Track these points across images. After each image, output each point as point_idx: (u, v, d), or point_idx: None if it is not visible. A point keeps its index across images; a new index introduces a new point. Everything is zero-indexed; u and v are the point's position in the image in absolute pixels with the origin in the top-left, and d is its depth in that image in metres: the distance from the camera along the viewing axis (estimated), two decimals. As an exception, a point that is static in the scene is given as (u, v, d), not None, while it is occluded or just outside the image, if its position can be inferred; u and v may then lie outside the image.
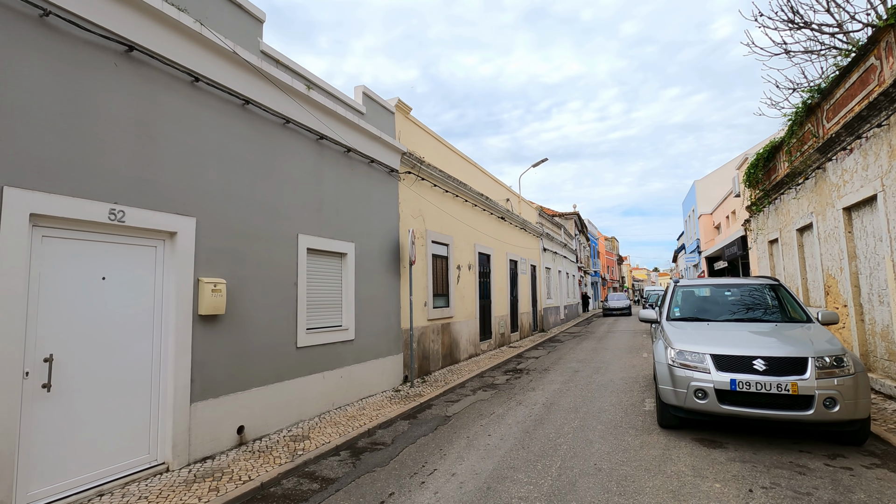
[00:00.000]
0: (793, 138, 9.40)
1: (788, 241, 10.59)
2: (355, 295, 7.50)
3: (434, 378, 9.38)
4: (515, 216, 16.29)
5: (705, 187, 26.52)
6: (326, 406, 6.70)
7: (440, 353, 10.34)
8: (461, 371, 10.21)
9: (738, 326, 5.84)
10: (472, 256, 12.56)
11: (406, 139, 9.54)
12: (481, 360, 11.69)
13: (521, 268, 17.18)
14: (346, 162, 7.52)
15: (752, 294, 6.67)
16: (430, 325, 9.95)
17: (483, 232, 13.41)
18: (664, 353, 5.59)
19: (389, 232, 8.62)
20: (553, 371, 10.28)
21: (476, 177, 13.39)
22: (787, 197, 10.39)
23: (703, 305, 6.71)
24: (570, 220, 32.02)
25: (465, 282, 11.94)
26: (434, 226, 10.46)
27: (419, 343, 9.45)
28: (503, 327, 14.68)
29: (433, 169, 10.21)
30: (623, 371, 9.87)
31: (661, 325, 6.35)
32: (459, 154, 12.31)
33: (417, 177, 9.78)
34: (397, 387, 8.46)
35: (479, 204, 13.11)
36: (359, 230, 7.72)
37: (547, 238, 21.55)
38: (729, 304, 6.54)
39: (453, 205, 11.52)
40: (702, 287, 7.19)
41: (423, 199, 10.00)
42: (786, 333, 5.47)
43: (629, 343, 15.04)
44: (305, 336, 6.36)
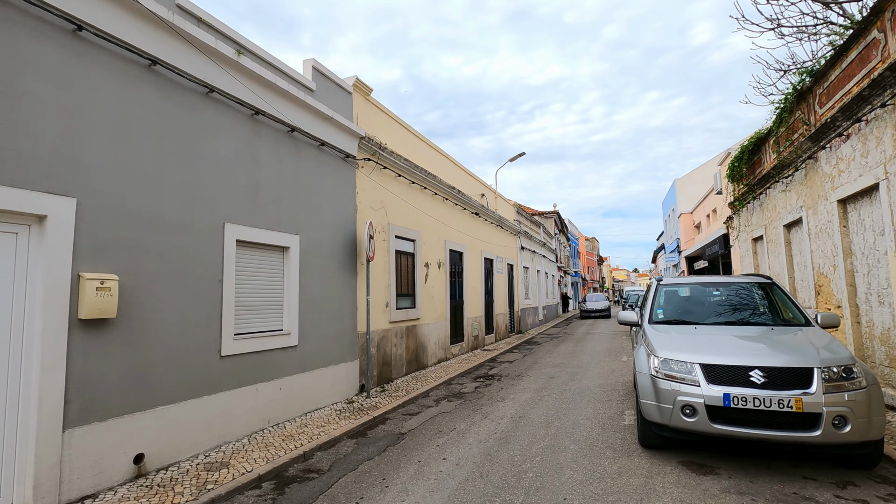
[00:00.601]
0: (781, 127, 8.80)
1: (774, 237, 10.02)
2: (300, 295, 6.59)
3: (395, 387, 8.52)
4: (491, 212, 15.52)
5: (685, 186, 26.18)
6: (260, 424, 5.78)
7: (404, 358, 9.48)
8: (427, 378, 9.37)
9: (729, 331, 5.12)
10: (443, 254, 11.73)
11: (366, 123, 8.66)
12: (451, 365, 10.87)
13: (497, 267, 16.41)
14: (289, 143, 6.61)
15: (744, 294, 5.97)
16: (392, 327, 9.08)
17: (455, 228, 12.59)
18: (646, 361, 4.84)
19: (344, 224, 7.73)
20: (527, 377, 9.51)
21: (447, 169, 12.56)
22: (774, 191, 9.81)
23: (690, 307, 5.99)
24: (550, 220, 31.44)
25: (434, 281, 11.10)
26: (398, 219, 9.59)
27: (379, 348, 8.57)
28: (477, 329, 13.88)
29: (397, 157, 9.35)
30: (601, 377, 9.14)
31: (643, 329, 5.61)
32: (427, 143, 11.47)
33: (378, 165, 8.90)
34: (351, 398, 7.57)
35: (451, 198, 12.28)
36: (306, 221, 6.82)
37: (525, 236, 20.86)
38: (718, 306, 5.83)
39: (421, 197, 10.67)
40: (687, 286, 6.48)
41: (385, 190, 9.12)
42: (784, 339, 4.76)
43: (608, 346, 14.39)
44: (233, 343, 5.43)
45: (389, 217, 9.25)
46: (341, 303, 7.52)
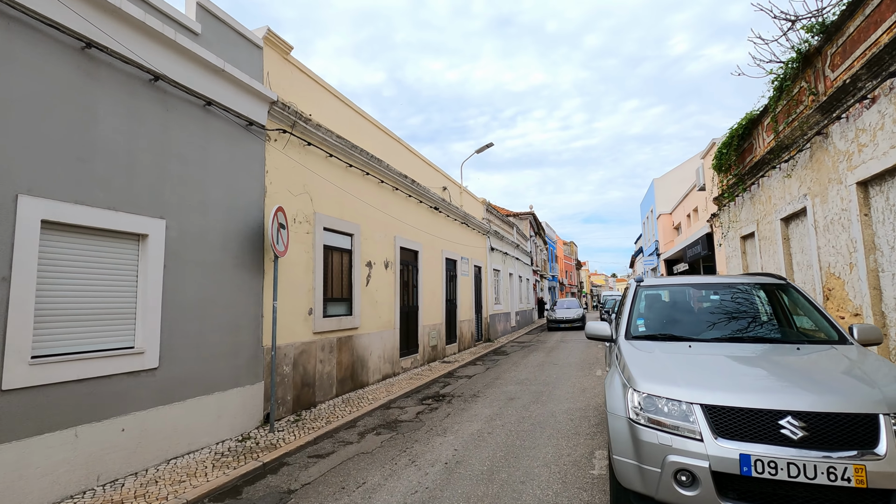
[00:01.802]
0: (780, 102, 7.46)
1: (769, 234, 8.69)
2: (165, 300, 4.90)
3: (317, 413, 6.86)
4: (454, 208, 13.98)
5: (665, 186, 25.14)
6: (80, 484, 4.07)
7: (334, 376, 7.81)
8: (363, 400, 7.73)
9: (737, 350, 3.62)
10: (392, 252, 10.11)
11: (283, 87, 7.02)
12: (398, 383, 9.24)
13: (462, 268, 14.87)
14: (152, 96, 4.93)
15: (752, 299, 4.50)
16: (317, 340, 7.41)
17: (408, 223, 10.99)
18: (622, 397, 3.31)
19: (245, 210, 6.07)
20: (483, 398, 7.95)
21: (398, 155, 10.97)
22: (769, 180, 8.48)
23: (680, 316, 4.50)
24: (525, 221, 30.12)
25: (379, 283, 9.48)
26: (330, 209, 7.96)
27: (296, 366, 6.90)
28: (435, 338, 12.28)
29: (328, 133, 7.72)
30: (570, 398, 7.63)
31: (618, 347, 4.08)
32: (373, 121, 9.85)
33: (301, 140, 7.27)
34: (249, 432, 5.88)
35: (403, 188, 10.69)
36: (179, 202, 5.14)
37: (496, 237, 19.38)
38: (717, 315, 4.33)
39: (362, 185, 9.05)
40: (675, 288, 5.01)
41: (310, 172, 7.48)
42: (821, 364, 3.29)
43: (582, 356, 12.94)
44: (27, 370, 3.72)
45: (317, 205, 7.61)
46: (237, 310, 5.84)
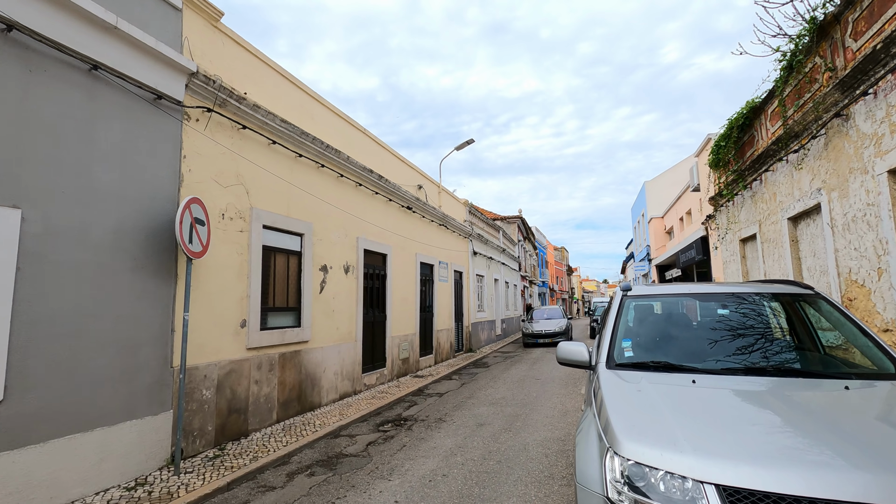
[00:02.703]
0: (789, 83, 6.51)
1: (774, 235, 7.72)
2: (16, 312, 3.80)
3: (247, 446, 5.75)
4: (431, 208, 12.93)
5: (656, 189, 24.28)
6: None
7: (275, 399, 6.70)
8: (308, 426, 6.63)
9: (764, 389, 2.58)
10: (354, 255, 9.04)
11: (211, 59, 5.95)
12: (356, 403, 8.14)
13: (440, 273, 13.81)
14: (3, 51, 3.85)
15: (770, 313, 3.48)
16: (252, 357, 6.31)
17: (374, 223, 9.93)
18: (597, 461, 2.28)
19: (149, 201, 4.98)
20: (449, 423, 6.87)
21: (363, 147, 9.91)
22: (775, 175, 7.52)
23: (678, 336, 3.46)
24: (513, 225, 29.13)
25: (336, 289, 8.39)
26: (273, 204, 6.88)
27: (223, 389, 5.79)
28: (406, 350, 11.19)
29: (270, 117, 6.66)
30: (549, 423, 6.58)
31: (597, 378, 3.03)
32: (330, 107, 8.77)
33: (235, 123, 6.20)
34: (147, 476, 4.75)
35: (367, 184, 9.63)
36: (44, 187, 4.05)
37: (479, 240, 18.36)
38: (728, 335, 3.29)
39: (316, 178, 7.99)
40: (671, 300, 3.97)
41: (246, 161, 6.41)
42: (894, 417, 2.26)
43: (567, 369, 11.90)
44: None
45: (255, 199, 6.53)
46: (135, 324, 4.73)
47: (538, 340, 17.78)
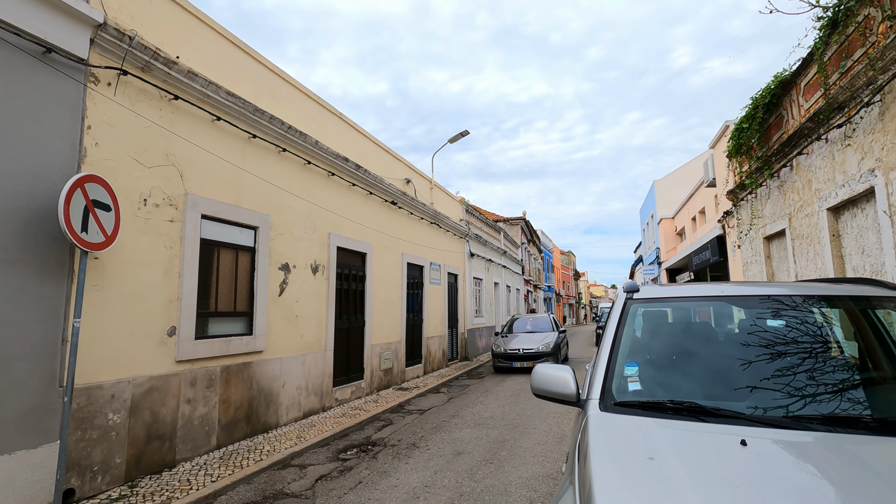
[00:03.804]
0: (832, 43, 5.40)
1: (808, 230, 6.58)
2: None
3: (168, 480, 4.70)
4: (420, 204, 11.88)
5: (666, 189, 23.08)
6: None
7: (215, 420, 5.66)
8: (254, 453, 5.58)
9: (875, 456, 1.48)
10: (324, 253, 8.00)
11: (130, 12, 4.95)
12: (322, 422, 7.08)
13: (431, 275, 12.74)
14: None
15: (847, 326, 2.37)
16: (183, 371, 5.28)
17: (350, 218, 8.90)
18: None
19: (32, 180, 3.98)
20: (421, 450, 5.80)
21: (337, 132, 8.89)
22: (810, 158, 6.40)
23: (707, 358, 2.35)
24: (516, 227, 28.02)
25: (301, 292, 7.36)
26: (217, 191, 5.88)
27: (139, 411, 4.76)
28: (389, 360, 10.12)
29: (213, 88, 5.66)
30: (540, 454, 5.47)
31: (585, 426, 1.94)
32: (294, 83, 7.72)
33: (163, 92, 5.20)
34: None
35: (342, 174, 8.61)
36: None
37: (477, 241, 17.28)
38: (791, 359, 2.16)
39: (275, 164, 6.98)
40: (691, 305, 2.87)
41: (179, 139, 5.41)
42: None
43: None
44: None
45: (191, 184, 5.52)
46: (6, 331, 3.72)
47: (513, 364, 12.30)
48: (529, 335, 13.38)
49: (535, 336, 13.22)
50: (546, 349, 12.31)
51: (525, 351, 12.33)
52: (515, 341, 12.89)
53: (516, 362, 12.28)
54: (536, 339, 12.84)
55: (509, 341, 12.98)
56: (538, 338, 12.99)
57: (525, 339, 12.96)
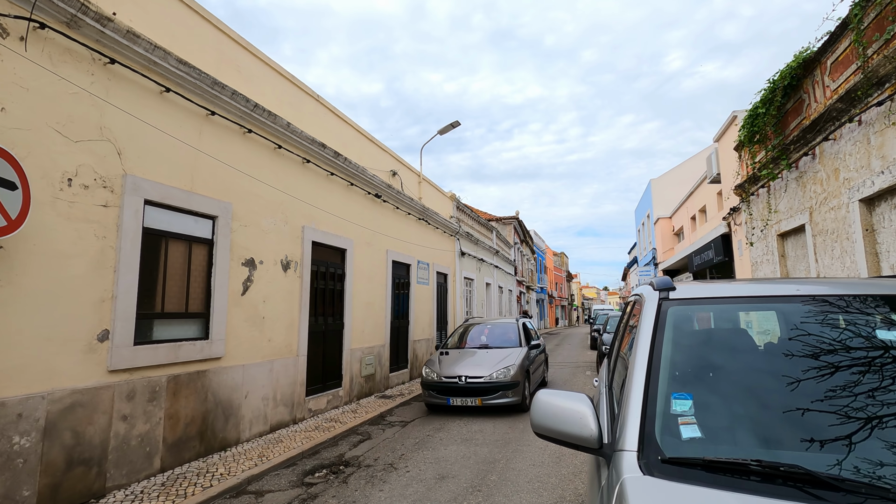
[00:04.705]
0: (870, 9, 4.73)
1: (834, 225, 5.92)
2: None
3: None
4: (407, 198, 11.14)
5: (663, 188, 22.51)
6: None
7: (160, 439, 4.87)
8: (204, 477, 4.79)
9: None
10: (296, 247, 7.23)
11: (54, -42, 4.17)
12: (290, 437, 6.31)
13: (418, 275, 11.99)
14: None
15: None
16: (117, 383, 4.49)
17: (328, 210, 8.13)
18: None
19: None
20: (399, 472, 5.04)
21: (315, 116, 8.11)
22: (837, 144, 5.74)
23: (794, 386, 1.62)
24: (509, 226, 27.34)
25: (269, 290, 6.59)
26: (166, 173, 5.09)
27: (58, 432, 3.96)
28: (371, 366, 9.36)
29: (160, 54, 4.89)
30: (536, 479, 4.74)
31: (620, 498, 1.20)
32: (262, 58, 6.92)
33: (97, 55, 4.42)
34: None
35: (319, 161, 7.84)
36: None
37: (468, 239, 16.56)
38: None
39: (239, 147, 6.20)
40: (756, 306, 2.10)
41: (117, 111, 4.62)
42: None
43: (565, 389, 10.03)
44: None
45: (132, 164, 4.74)
46: None
47: (450, 401, 7.82)
48: (483, 353, 8.63)
49: (490, 355, 8.42)
50: (504, 377, 7.65)
51: (470, 381, 7.65)
52: (458, 363, 8.17)
53: (456, 398, 7.67)
54: (491, 361, 8.12)
55: (449, 363, 8.26)
56: (494, 358, 8.24)
57: (474, 361, 8.24)
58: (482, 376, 7.69)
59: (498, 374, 7.71)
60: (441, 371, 8.06)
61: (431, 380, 8.05)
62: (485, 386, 7.62)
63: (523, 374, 8.04)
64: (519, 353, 8.50)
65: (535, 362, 9.28)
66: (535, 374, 9.04)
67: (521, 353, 8.51)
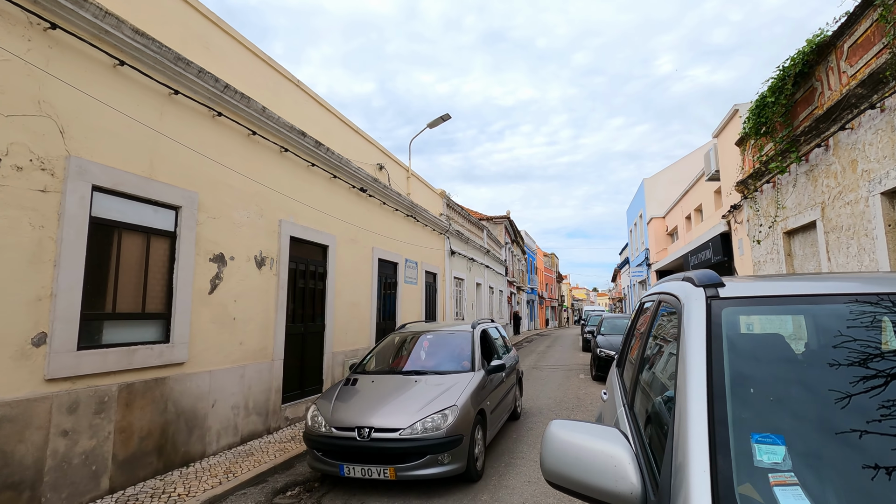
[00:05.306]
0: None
1: (849, 221, 5.53)
2: None
3: (12, 551, 3.35)
4: (395, 194, 10.62)
5: (656, 187, 22.21)
6: None
7: (108, 456, 4.31)
8: (157, 499, 4.24)
9: None
10: (273, 242, 6.70)
11: None
12: (263, 449, 5.77)
13: (407, 274, 11.49)
14: None
15: None
16: (56, 393, 3.93)
17: (309, 204, 7.60)
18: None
19: None
20: (380, 491, 4.53)
21: (295, 102, 7.57)
22: (856, 134, 5.35)
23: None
24: (500, 226, 26.92)
25: (241, 289, 6.04)
26: (121, 157, 4.54)
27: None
28: (355, 370, 8.81)
29: (111, 21, 4.34)
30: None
31: None
32: (236, 36, 6.34)
33: (34, 17, 3.86)
34: None
35: (298, 150, 7.31)
36: None
37: (458, 238, 16.09)
38: None
39: (208, 131, 5.66)
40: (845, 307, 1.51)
41: (61, 84, 4.07)
42: None
43: (558, 394, 9.59)
44: None
45: (78, 144, 4.18)
46: None
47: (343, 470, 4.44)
48: (412, 384, 5.19)
49: (420, 389, 5.05)
50: (434, 430, 4.45)
51: (379, 436, 4.44)
52: (365, 402, 4.89)
53: (353, 465, 4.44)
54: (419, 399, 4.81)
55: (350, 402, 4.94)
56: (425, 393, 4.92)
57: (392, 398, 4.93)
58: (397, 429, 4.36)
59: (425, 425, 4.38)
60: (332, 416, 4.65)
61: (318, 432, 4.61)
62: (400, 447, 4.29)
63: (473, 420, 4.73)
64: (467, 383, 5.01)
65: (497, 393, 5.85)
66: (497, 412, 5.76)
67: (470, 383, 5.04)
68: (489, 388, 5.53)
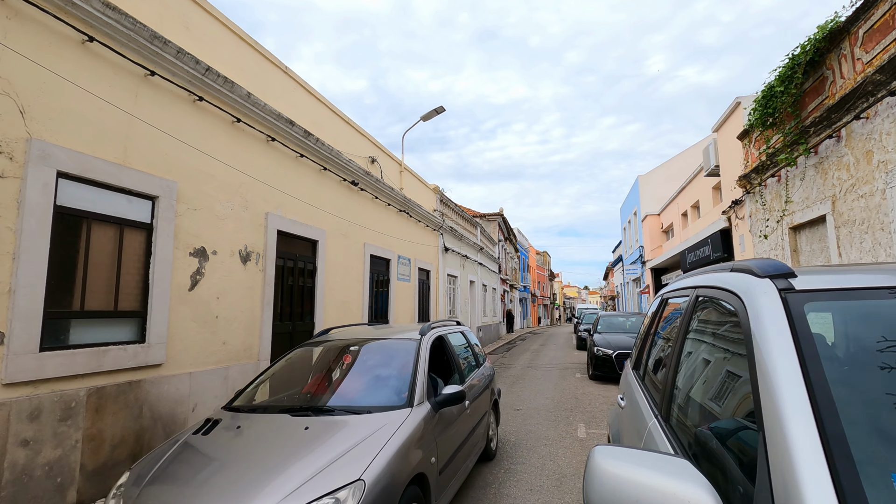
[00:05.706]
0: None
1: (863, 215, 5.30)
2: None
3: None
4: (387, 188, 10.29)
5: (651, 184, 22.06)
6: None
7: (76, 467, 3.96)
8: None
9: None
10: (259, 236, 6.35)
11: None
12: (246, 456, 5.40)
13: (400, 271, 11.17)
14: None
15: None
16: (15, 400, 3.57)
17: (298, 196, 7.25)
18: None
19: None
20: None
21: (283, 90, 7.22)
22: (872, 124, 5.12)
23: None
24: (493, 223, 26.65)
25: (224, 285, 5.70)
26: (90, 142, 4.18)
27: (-79, 465, 3.04)
28: (346, 370, 8.48)
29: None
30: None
31: None
32: (221, 18, 5.98)
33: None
34: None
35: (286, 140, 6.96)
36: None
37: (451, 235, 15.78)
38: None
39: (188, 116, 5.30)
40: None
41: (22, 60, 3.71)
42: None
43: (555, 396, 9.33)
44: None
45: (41, 126, 3.82)
46: None
47: None
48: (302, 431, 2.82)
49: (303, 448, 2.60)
50: None
51: None
52: (194, 485, 2.37)
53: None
54: (295, 467, 2.40)
55: (176, 480, 2.47)
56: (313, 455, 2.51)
57: (248, 472, 2.40)
58: None
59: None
60: None
61: None
62: None
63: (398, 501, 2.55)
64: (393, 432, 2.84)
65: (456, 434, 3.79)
66: (455, 462, 3.69)
67: (399, 431, 2.88)
68: (439, 428, 3.40)
